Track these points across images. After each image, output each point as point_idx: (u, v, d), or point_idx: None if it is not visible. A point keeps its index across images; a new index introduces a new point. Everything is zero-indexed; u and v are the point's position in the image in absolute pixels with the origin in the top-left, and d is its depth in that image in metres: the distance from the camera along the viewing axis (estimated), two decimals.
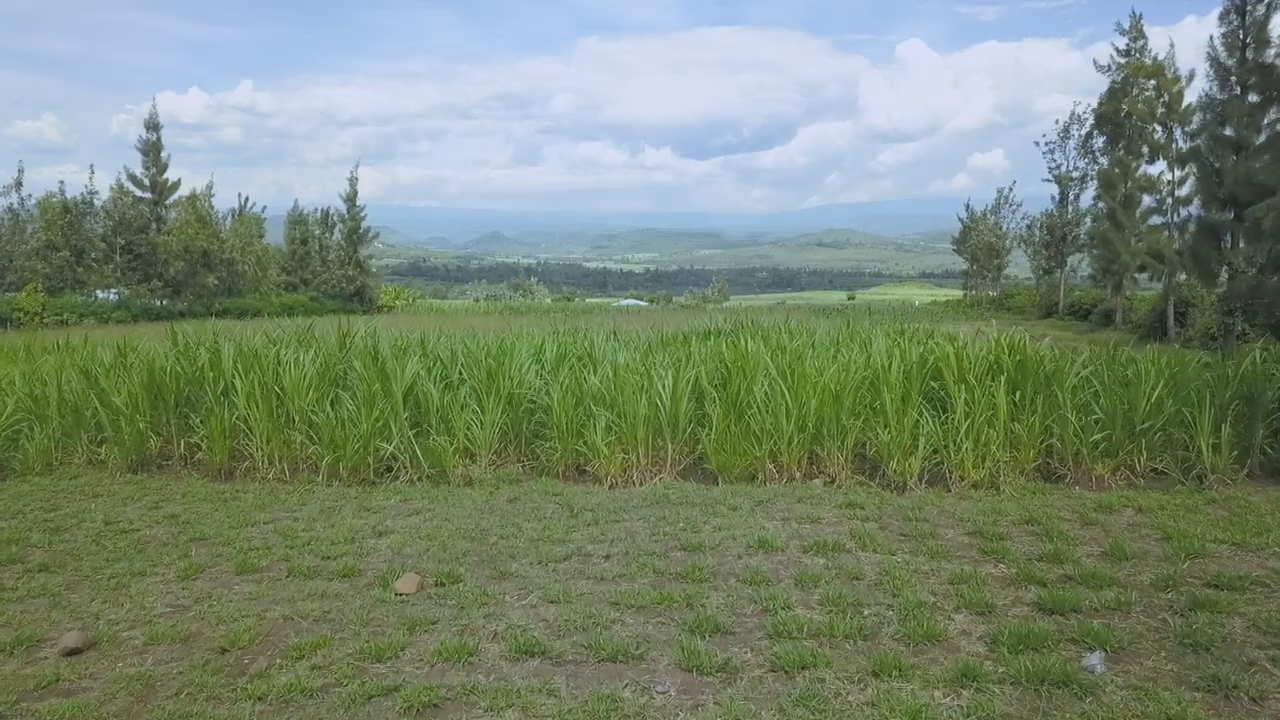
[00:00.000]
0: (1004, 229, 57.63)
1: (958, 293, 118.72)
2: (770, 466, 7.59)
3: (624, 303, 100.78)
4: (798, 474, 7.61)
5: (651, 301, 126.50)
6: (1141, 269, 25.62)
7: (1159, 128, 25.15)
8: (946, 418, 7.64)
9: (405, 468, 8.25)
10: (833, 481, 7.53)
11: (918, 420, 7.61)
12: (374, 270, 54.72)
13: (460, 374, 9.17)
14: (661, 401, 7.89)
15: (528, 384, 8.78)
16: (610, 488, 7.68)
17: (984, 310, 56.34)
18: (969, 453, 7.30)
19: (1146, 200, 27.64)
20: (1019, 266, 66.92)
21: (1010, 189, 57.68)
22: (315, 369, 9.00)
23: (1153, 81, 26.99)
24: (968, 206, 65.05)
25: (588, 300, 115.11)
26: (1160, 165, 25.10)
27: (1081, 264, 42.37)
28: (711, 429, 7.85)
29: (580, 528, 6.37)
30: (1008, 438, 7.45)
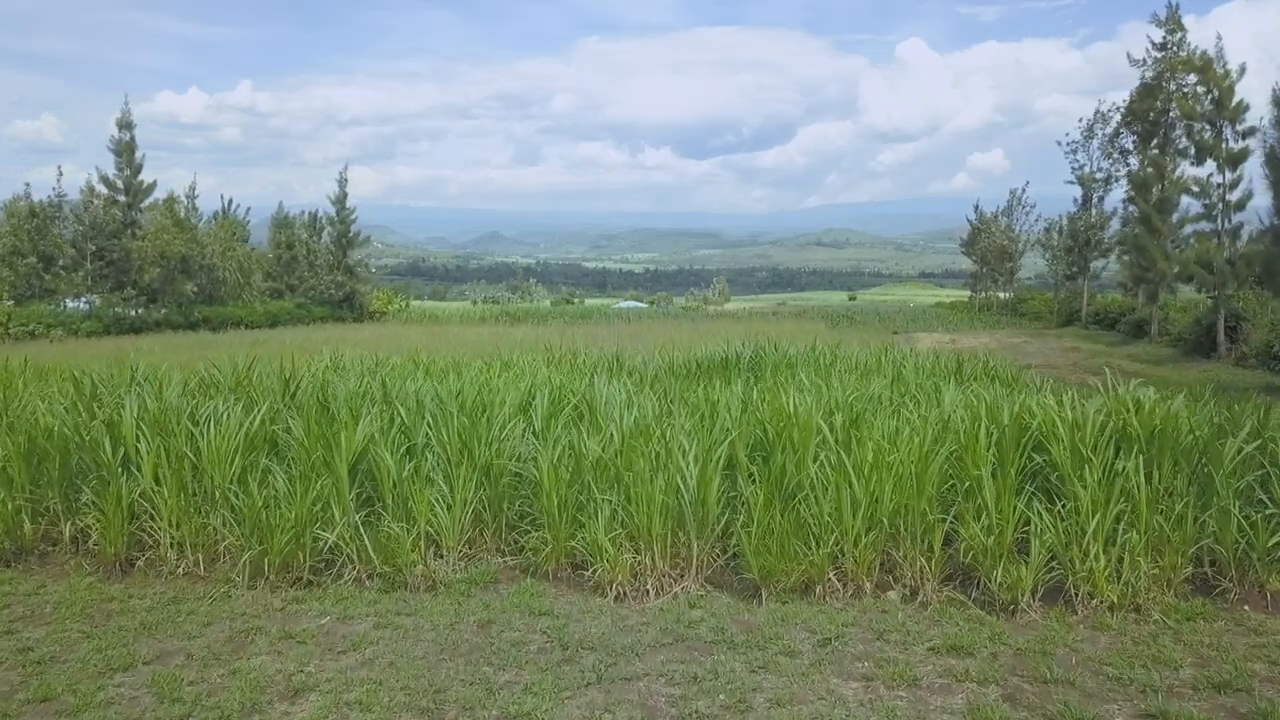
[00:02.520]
0: (1016, 231, 55.75)
1: (960, 293, 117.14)
2: (831, 574, 5.71)
3: (623, 304, 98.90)
4: (867, 584, 5.72)
5: (651, 303, 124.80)
6: (1188, 279, 23.72)
7: (1208, 126, 23.25)
8: (1062, 507, 5.77)
9: (352, 561, 6.37)
10: (914, 596, 5.64)
11: (1024, 511, 5.74)
12: (367, 275, 52.77)
13: (427, 434, 7.26)
14: (684, 483, 6.01)
15: (510, 450, 6.90)
16: (616, 599, 5.79)
17: (996, 315, 54.48)
18: (1099, 558, 5.42)
19: (1189, 204, 25.73)
20: (1025, 269, 65.04)
21: (1023, 190, 55.83)
22: (244, 429, 7.10)
23: (1192, 76, 25.10)
24: (977, 208, 63.24)
25: (587, 302, 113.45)
26: (1209, 166, 23.20)
27: (1104, 270, 40.46)
28: (748, 517, 5.97)
29: (575, 690, 4.48)
30: (1149, 538, 5.57)
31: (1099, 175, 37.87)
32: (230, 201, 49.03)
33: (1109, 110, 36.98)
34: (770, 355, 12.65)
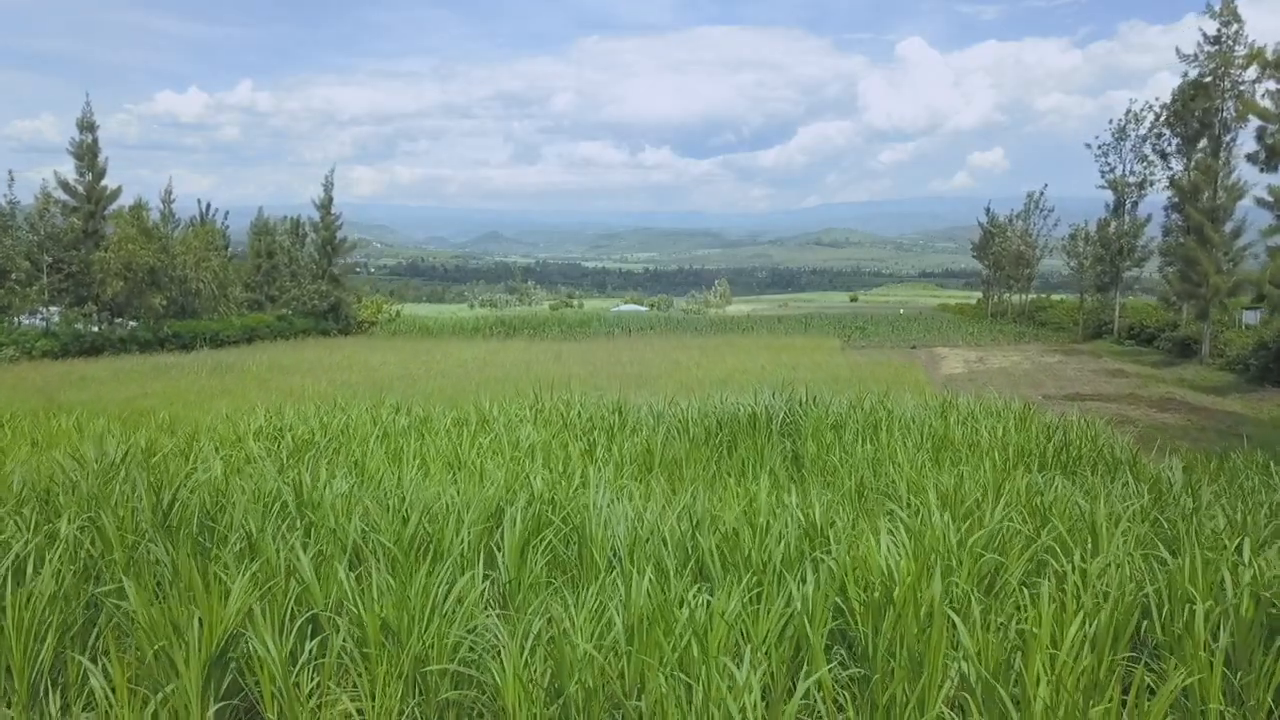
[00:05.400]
0: (1034, 236, 53.37)
1: (963, 294, 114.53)
2: None
3: (622, 308, 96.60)
4: None
5: (652, 306, 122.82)
6: (1260, 298, 21.34)
7: None
8: None
9: None
10: None
11: None
12: (351, 283, 50.25)
13: (340, 594, 4.89)
14: None
15: (455, 634, 4.53)
16: None
17: (1014, 324, 52.06)
18: None
19: (1245, 211, 23.35)
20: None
21: (1040, 193, 53.44)
22: (63, 591, 4.77)
23: (1251, 71, 22.73)
24: (988, 210, 60.93)
25: (585, 305, 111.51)
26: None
27: (1136, 280, 38.04)
28: None
29: None
30: None
31: (1132, 179, 35.44)
32: (208, 207, 46.45)
33: (1141, 110, 34.67)
34: (809, 412, 10.32)
